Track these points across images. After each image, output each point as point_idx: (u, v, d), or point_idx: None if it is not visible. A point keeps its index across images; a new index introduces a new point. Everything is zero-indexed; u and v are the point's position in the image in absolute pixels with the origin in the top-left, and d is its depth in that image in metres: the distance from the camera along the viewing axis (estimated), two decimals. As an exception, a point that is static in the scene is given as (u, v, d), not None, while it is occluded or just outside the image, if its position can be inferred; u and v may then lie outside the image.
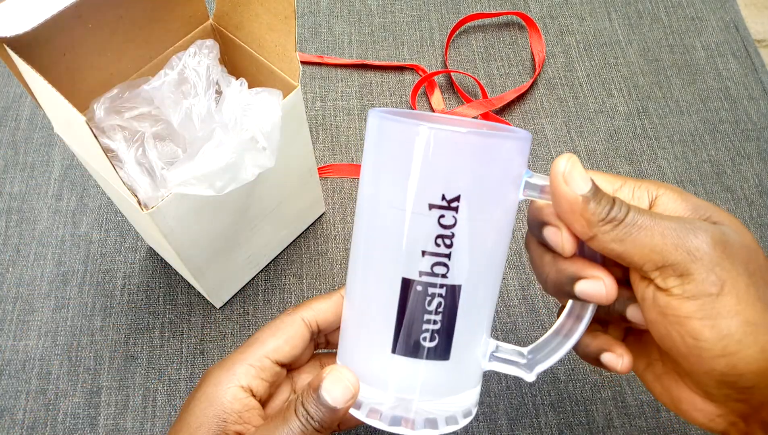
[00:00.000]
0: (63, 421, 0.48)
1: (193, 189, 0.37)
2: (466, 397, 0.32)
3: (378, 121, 0.30)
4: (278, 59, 0.44)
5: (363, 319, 0.32)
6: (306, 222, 0.55)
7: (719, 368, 0.27)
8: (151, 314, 0.52)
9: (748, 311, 0.26)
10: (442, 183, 0.28)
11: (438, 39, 0.66)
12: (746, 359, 0.26)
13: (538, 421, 0.46)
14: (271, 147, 0.40)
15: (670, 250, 0.27)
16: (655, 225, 0.27)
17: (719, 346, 0.26)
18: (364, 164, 0.32)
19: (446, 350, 0.31)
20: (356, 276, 0.33)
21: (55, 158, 0.60)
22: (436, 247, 0.29)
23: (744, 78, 0.63)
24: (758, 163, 0.58)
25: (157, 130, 0.44)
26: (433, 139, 0.28)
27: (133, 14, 0.42)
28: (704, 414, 0.29)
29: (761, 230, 0.54)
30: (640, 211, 0.28)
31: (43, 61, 0.39)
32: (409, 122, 0.29)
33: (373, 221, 0.31)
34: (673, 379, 0.31)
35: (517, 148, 0.30)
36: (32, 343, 0.51)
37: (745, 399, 0.28)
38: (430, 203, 0.28)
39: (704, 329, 0.27)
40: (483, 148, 0.29)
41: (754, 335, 0.26)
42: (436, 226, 0.29)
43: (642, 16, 0.67)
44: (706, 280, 0.26)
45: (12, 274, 0.54)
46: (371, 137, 0.31)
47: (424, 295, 0.30)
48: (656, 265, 0.27)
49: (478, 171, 0.29)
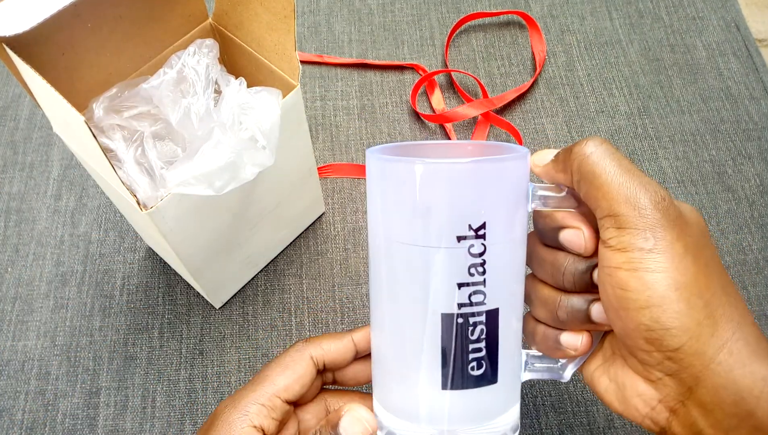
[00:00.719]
0: (62, 421, 0.48)
1: (192, 189, 0.37)
2: (512, 413, 0.33)
3: (385, 164, 0.31)
4: (278, 58, 0.44)
5: (403, 358, 0.32)
6: (306, 222, 0.55)
7: (644, 321, 0.27)
8: (151, 315, 0.52)
9: (677, 273, 0.27)
10: (467, 214, 0.29)
11: (438, 38, 0.66)
12: (669, 312, 0.27)
13: (539, 422, 0.46)
14: (270, 146, 0.39)
15: (618, 201, 0.28)
16: (617, 174, 0.29)
17: (643, 296, 0.27)
18: (373, 205, 0.32)
19: (494, 374, 0.31)
20: (386, 317, 0.33)
21: (54, 158, 0.60)
22: (470, 276, 0.30)
23: (745, 77, 0.62)
24: (759, 163, 0.58)
25: (156, 130, 0.43)
26: (454, 175, 0.29)
27: (133, 13, 0.42)
28: (646, 401, 0.30)
29: (762, 230, 0.54)
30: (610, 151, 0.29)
31: (42, 61, 0.39)
32: (424, 162, 0.29)
33: (400, 263, 0.31)
34: (620, 365, 0.31)
35: (524, 166, 0.31)
36: (31, 343, 0.51)
37: (677, 369, 0.28)
38: (458, 236, 0.29)
39: (630, 279, 0.28)
40: (498, 173, 0.30)
41: (679, 292, 0.27)
42: (467, 256, 0.29)
43: (643, 16, 0.67)
44: (641, 235, 0.28)
45: (11, 274, 0.54)
46: (379, 180, 0.31)
47: (466, 326, 0.30)
48: (603, 212, 0.29)
49: (497, 195, 0.30)
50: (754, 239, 0.54)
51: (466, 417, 0.31)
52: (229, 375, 0.49)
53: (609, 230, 0.29)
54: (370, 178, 0.32)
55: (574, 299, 0.32)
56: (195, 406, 0.48)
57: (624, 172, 0.29)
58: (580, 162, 0.29)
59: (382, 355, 0.33)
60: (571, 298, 0.32)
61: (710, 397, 0.27)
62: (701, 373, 0.27)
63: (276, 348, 0.50)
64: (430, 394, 0.31)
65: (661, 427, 0.30)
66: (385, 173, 0.31)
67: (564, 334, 0.32)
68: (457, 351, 0.30)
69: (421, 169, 0.30)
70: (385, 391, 0.33)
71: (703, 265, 0.28)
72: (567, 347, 0.32)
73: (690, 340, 0.27)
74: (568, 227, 0.31)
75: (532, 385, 0.47)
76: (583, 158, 0.29)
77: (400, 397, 0.33)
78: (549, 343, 0.33)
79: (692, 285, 0.27)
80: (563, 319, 0.32)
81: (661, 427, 0.30)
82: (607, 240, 0.29)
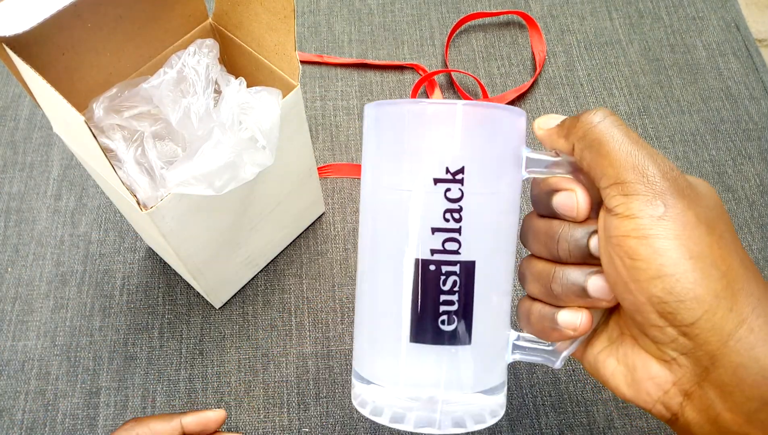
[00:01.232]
0: (62, 421, 0.48)
1: (192, 189, 0.37)
2: (493, 395, 0.32)
3: (374, 110, 0.31)
4: (278, 58, 0.44)
5: (377, 312, 0.31)
6: (306, 222, 0.55)
7: (657, 292, 0.26)
8: (150, 314, 0.52)
9: (690, 241, 0.26)
10: (445, 156, 0.29)
11: (438, 38, 0.66)
12: (683, 282, 0.25)
13: (538, 422, 0.46)
14: (270, 146, 0.39)
15: (626, 168, 0.27)
16: (625, 143, 0.28)
17: (655, 265, 0.26)
18: (364, 157, 0.32)
19: (467, 333, 0.30)
20: (366, 269, 0.32)
21: (54, 158, 0.60)
22: (445, 222, 0.29)
23: (745, 77, 0.62)
24: (759, 163, 0.58)
25: (157, 129, 0.43)
26: (433, 114, 0.29)
27: (133, 14, 0.42)
28: (659, 384, 0.28)
29: (762, 230, 0.54)
30: (618, 122, 0.28)
31: (42, 61, 0.39)
32: (406, 103, 0.30)
33: (380, 207, 0.31)
34: (630, 345, 0.30)
35: (511, 120, 0.30)
36: (31, 343, 0.51)
37: (692, 347, 0.26)
38: (435, 178, 0.29)
39: (640, 247, 0.26)
40: (481, 118, 0.30)
41: (693, 261, 0.26)
42: (443, 200, 0.29)
43: (643, 16, 0.67)
44: (651, 202, 0.26)
45: (11, 274, 0.54)
46: (369, 128, 0.31)
47: (438, 275, 0.29)
48: (609, 181, 0.28)
49: (478, 141, 0.29)
50: (754, 239, 0.54)
51: (438, 380, 0.30)
52: (229, 375, 0.49)
53: (615, 198, 0.27)
54: (365, 128, 0.32)
55: (569, 271, 0.30)
56: (195, 406, 0.48)
57: (632, 142, 0.28)
58: (586, 130, 0.28)
59: (360, 314, 0.32)
60: (566, 270, 0.30)
61: (729, 378, 0.26)
62: (719, 350, 0.26)
63: (276, 348, 0.50)
64: (400, 346, 0.30)
65: (673, 413, 0.28)
66: (375, 118, 0.31)
67: (562, 312, 0.30)
68: (427, 300, 0.29)
69: (406, 110, 0.30)
70: (360, 356, 0.33)
71: (718, 236, 0.27)
72: (565, 326, 0.30)
73: (706, 314, 0.25)
74: (562, 190, 0.30)
75: (532, 384, 0.47)
76: (590, 126, 0.28)
77: (372, 355, 0.32)
78: (545, 323, 0.31)
79: (707, 255, 0.26)
80: (558, 293, 0.30)
81: (673, 412, 0.28)
82: (614, 207, 0.27)
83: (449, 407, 0.30)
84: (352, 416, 0.47)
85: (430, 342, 0.30)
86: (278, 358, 0.50)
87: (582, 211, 0.29)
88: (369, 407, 0.31)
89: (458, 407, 0.30)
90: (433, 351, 0.30)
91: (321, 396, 0.48)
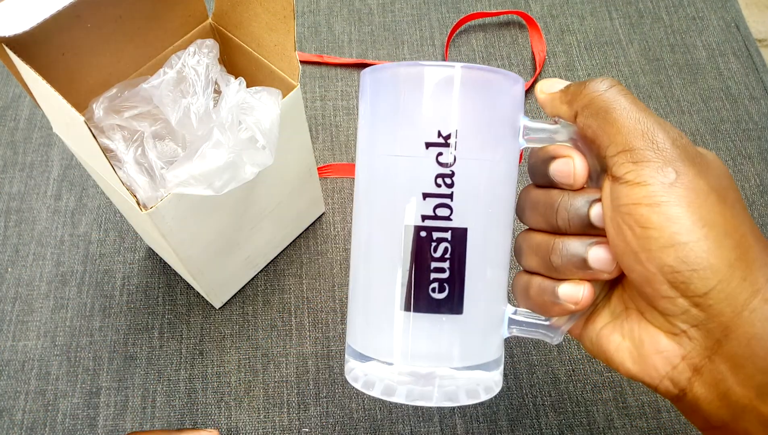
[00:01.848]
0: (62, 421, 0.48)
1: (192, 189, 0.37)
2: (488, 371, 0.31)
3: (369, 76, 0.30)
4: (278, 59, 0.44)
5: (370, 282, 0.31)
6: (306, 222, 0.55)
7: (669, 262, 0.25)
8: (151, 315, 0.52)
9: (703, 209, 0.25)
10: (437, 119, 0.28)
11: (438, 38, 0.66)
12: (697, 251, 0.25)
13: (538, 421, 0.46)
14: (270, 146, 0.39)
15: (635, 135, 0.26)
16: (633, 110, 0.27)
17: (668, 233, 0.25)
18: (360, 127, 0.31)
19: (459, 302, 0.29)
20: (359, 237, 0.31)
21: (54, 158, 0.60)
22: (437, 187, 0.28)
23: (745, 77, 0.62)
24: (759, 163, 0.58)
25: (156, 129, 0.43)
26: (425, 76, 0.28)
27: (132, 14, 0.42)
28: (667, 358, 0.27)
29: (763, 230, 0.54)
30: (625, 91, 0.28)
31: (42, 61, 0.39)
32: (398, 66, 0.29)
33: (373, 174, 0.30)
34: (636, 319, 0.29)
35: (508, 85, 0.30)
36: (31, 343, 0.51)
37: (704, 318, 0.26)
38: (426, 142, 0.28)
39: (653, 214, 0.25)
40: (475, 81, 0.29)
41: (707, 229, 0.25)
42: (434, 164, 0.28)
43: (643, 16, 0.67)
44: (662, 169, 0.26)
45: (11, 274, 0.54)
46: (364, 95, 0.31)
47: (429, 241, 0.29)
48: (618, 148, 0.27)
49: (472, 105, 0.29)
50: (754, 239, 0.54)
51: (430, 351, 0.29)
52: (229, 375, 0.49)
53: (624, 165, 0.27)
54: (360, 95, 0.31)
55: (569, 242, 0.29)
56: (195, 406, 0.48)
57: (639, 109, 0.27)
58: (593, 97, 0.28)
59: (354, 286, 0.32)
60: (566, 241, 0.29)
61: (742, 350, 0.25)
62: (732, 321, 0.25)
63: (276, 348, 0.50)
64: (391, 315, 0.29)
65: (681, 389, 0.27)
66: (369, 83, 0.30)
67: (563, 285, 0.29)
68: (418, 267, 0.29)
69: (398, 73, 0.29)
70: (353, 329, 0.32)
71: (730, 205, 0.26)
72: (566, 300, 0.29)
73: (720, 284, 0.25)
74: (559, 157, 0.29)
75: (532, 384, 0.47)
76: (597, 93, 0.28)
77: (365, 326, 0.31)
78: (545, 297, 0.30)
79: (720, 224, 0.25)
80: (558, 265, 0.29)
81: (681, 388, 0.27)
82: (623, 175, 0.27)
83: (442, 380, 0.29)
84: (352, 416, 0.47)
85: (421, 310, 0.29)
86: (278, 358, 0.50)
87: (579, 178, 0.29)
88: (361, 381, 0.31)
89: (451, 381, 0.30)
90: (425, 320, 0.29)
91: (321, 396, 0.48)
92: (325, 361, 0.50)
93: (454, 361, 0.30)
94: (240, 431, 0.47)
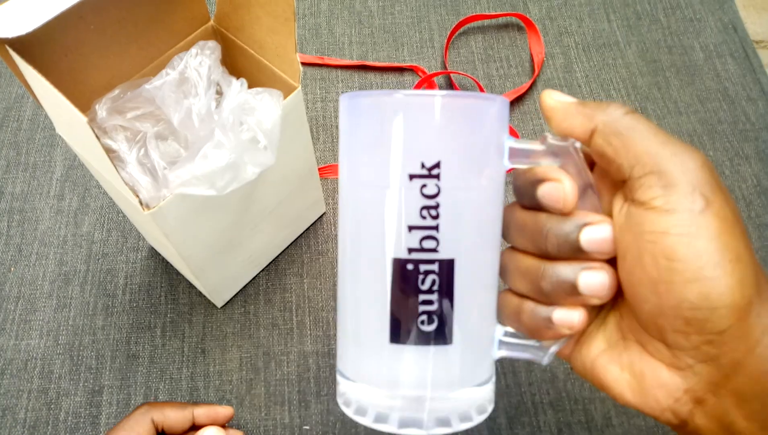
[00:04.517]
0: (65, 420, 0.48)
1: (194, 189, 0.37)
2: (479, 391, 0.31)
3: (347, 102, 0.29)
4: (279, 61, 0.44)
5: (357, 313, 0.31)
6: (307, 222, 0.55)
7: (690, 297, 0.24)
8: (153, 313, 0.52)
9: (731, 239, 0.24)
10: (420, 151, 0.27)
11: (438, 40, 0.67)
12: (720, 289, 0.24)
13: (537, 419, 0.47)
14: (271, 146, 0.40)
15: (664, 157, 0.25)
16: (656, 132, 0.26)
17: (694, 267, 0.24)
18: (341, 152, 0.31)
19: (449, 332, 0.29)
20: (345, 268, 0.31)
21: (56, 158, 0.60)
22: (422, 219, 0.27)
23: (742, 79, 0.63)
24: (756, 164, 0.58)
25: (159, 130, 0.44)
26: (407, 106, 0.28)
27: (135, 15, 0.42)
28: (669, 392, 0.26)
29: (759, 230, 0.55)
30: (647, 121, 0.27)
31: (45, 62, 0.39)
32: (378, 94, 0.28)
33: (357, 204, 0.30)
34: (636, 351, 0.28)
35: (490, 109, 0.29)
36: (34, 342, 0.51)
37: (716, 355, 0.25)
38: (410, 174, 0.27)
39: (680, 246, 0.24)
40: (456, 110, 0.28)
41: (733, 264, 0.24)
42: (419, 197, 0.27)
43: (640, 17, 0.68)
44: (692, 195, 0.24)
45: (14, 273, 0.54)
46: (344, 121, 0.30)
47: (416, 274, 0.28)
48: (645, 169, 0.25)
49: (455, 135, 0.28)
50: (752, 240, 0.54)
51: (420, 381, 0.29)
52: (231, 373, 0.50)
53: (653, 189, 0.25)
54: (340, 120, 0.30)
55: (559, 267, 0.28)
56: (196, 404, 0.48)
57: (661, 132, 0.26)
58: (616, 116, 0.26)
59: (342, 314, 0.32)
60: (556, 267, 0.28)
61: (750, 386, 0.24)
62: (744, 358, 0.24)
63: (277, 346, 0.50)
64: (381, 348, 0.29)
65: (682, 419, 0.26)
66: (346, 112, 0.30)
67: (557, 311, 0.28)
68: (405, 300, 0.28)
69: (379, 102, 0.28)
70: (343, 355, 0.32)
71: (746, 235, 0.25)
72: (561, 325, 0.28)
73: (737, 322, 0.24)
74: (547, 180, 0.27)
75: (530, 382, 0.48)
76: (621, 113, 0.26)
77: (355, 355, 0.31)
78: (539, 323, 0.29)
79: (744, 257, 0.24)
80: (548, 291, 0.28)
81: (682, 419, 0.26)
82: (649, 200, 0.25)
83: (434, 405, 0.29)
84: (352, 414, 0.48)
85: (410, 343, 0.29)
86: (279, 357, 0.50)
87: (570, 202, 0.27)
88: (353, 407, 0.31)
89: (443, 405, 0.29)
90: (415, 351, 0.29)
91: (322, 394, 0.49)
92: (325, 359, 0.50)
93: (445, 387, 0.30)
94: (242, 429, 0.47)
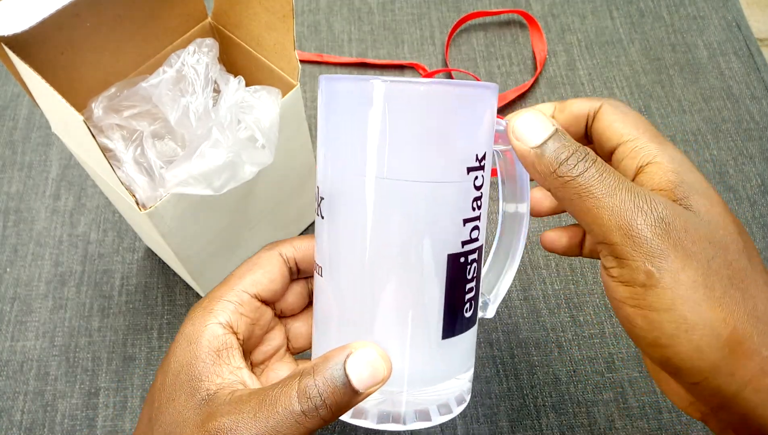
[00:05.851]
0: (61, 422, 0.47)
1: (191, 188, 0.37)
2: (458, 380, 0.30)
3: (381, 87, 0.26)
4: (277, 58, 0.43)
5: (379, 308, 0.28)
6: (305, 222, 0.55)
7: (656, 357, 0.26)
8: (149, 315, 0.52)
9: (686, 307, 0.24)
10: (476, 143, 0.27)
11: (438, 37, 0.66)
12: (679, 355, 0.25)
13: (539, 422, 0.46)
14: (269, 145, 0.39)
15: (611, 229, 0.25)
16: (608, 196, 0.25)
17: (651, 336, 0.25)
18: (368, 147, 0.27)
19: (475, 314, 0.30)
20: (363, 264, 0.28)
21: (52, 158, 0.59)
22: (473, 211, 0.28)
23: (746, 77, 0.62)
24: (761, 163, 0.57)
25: (156, 129, 0.43)
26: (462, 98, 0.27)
27: (132, 13, 0.42)
28: (681, 399, 0.29)
29: (764, 230, 0.54)
30: (602, 171, 0.26)
31: (41, 60, 0.39)
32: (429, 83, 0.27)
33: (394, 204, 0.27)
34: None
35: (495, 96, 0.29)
36: (30, 343, 0.50)
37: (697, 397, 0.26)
38: (468, 167, 0.27)
39: (636, 317, 0.25)
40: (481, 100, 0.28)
41: (689, 334, 0.24)
42: (472, 189, 0.27)
43: (644, 15, 0.67)
44: (639, 269, 0.25)
45: (9, 274, 0.54)
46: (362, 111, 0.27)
47: (466, 265, 0.28)
48: (598, 239, 0.26)
49: (487, 124, 0.28)
50: (756, 239, 0.54)
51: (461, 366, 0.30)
52: (229, 375, 0.49)
53: (608, 259, 0.26)
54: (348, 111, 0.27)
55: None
56: (194, 406, 0.48)
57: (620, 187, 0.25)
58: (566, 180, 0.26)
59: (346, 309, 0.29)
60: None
61: (738, 421, 0.26)
62: (726, 402, 0.25)
63: (276, 348, 0.50)
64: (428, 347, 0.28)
65: (699, 419, 0.29)
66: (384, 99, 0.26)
67: None
68: (458, 295, 0.28)
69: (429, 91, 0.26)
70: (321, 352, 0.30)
71: (726, 282, 0.25)
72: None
73: (705, 381, 0.25)
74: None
75: (533, 385, 0.47)
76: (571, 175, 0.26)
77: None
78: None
79: (706, 322, 0.24)
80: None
81: (698, 418, 0.29)
82: (609, 269, 0.26)
83: (412, 399, 0.29)
84: (352, 417, 0.47)
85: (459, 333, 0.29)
86: (278, 359, 0.50)
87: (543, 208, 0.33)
88: None
89: (422, 398, 0.29)
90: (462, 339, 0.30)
91: (321, 397, 0.48)
92: (325, 361, 0.49)
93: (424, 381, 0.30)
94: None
